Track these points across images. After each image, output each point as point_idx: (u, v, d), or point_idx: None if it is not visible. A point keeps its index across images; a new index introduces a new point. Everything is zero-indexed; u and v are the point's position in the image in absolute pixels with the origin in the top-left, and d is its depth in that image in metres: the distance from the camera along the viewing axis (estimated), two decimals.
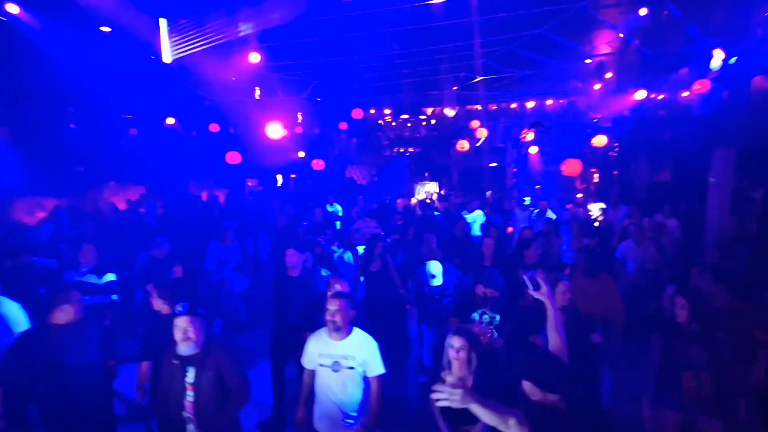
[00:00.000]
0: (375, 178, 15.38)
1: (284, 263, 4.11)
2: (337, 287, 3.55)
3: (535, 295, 2.35)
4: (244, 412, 2.82)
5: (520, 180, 13.42)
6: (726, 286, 3.53)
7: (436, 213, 8.16)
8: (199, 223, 7.56)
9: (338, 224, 7.85)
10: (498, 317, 3.53)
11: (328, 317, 2.80)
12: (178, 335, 2.59)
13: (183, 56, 8.78)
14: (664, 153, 9.76)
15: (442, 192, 12.21)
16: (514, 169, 14.47)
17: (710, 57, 7.80)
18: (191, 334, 2.59)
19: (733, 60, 7.21)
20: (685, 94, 8.77)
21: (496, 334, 3.49)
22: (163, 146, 10.95)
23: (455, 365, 2.70)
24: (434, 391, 1.74)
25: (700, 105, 7.73)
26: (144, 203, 8.65)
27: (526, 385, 2.00)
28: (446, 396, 1.71)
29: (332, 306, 2.80)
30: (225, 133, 11.83)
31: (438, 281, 4.42)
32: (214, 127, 11.02)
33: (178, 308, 2.65)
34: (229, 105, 11.61)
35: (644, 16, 9.92)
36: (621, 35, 9.88)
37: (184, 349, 2.62)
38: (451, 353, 2.71)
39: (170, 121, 10.34)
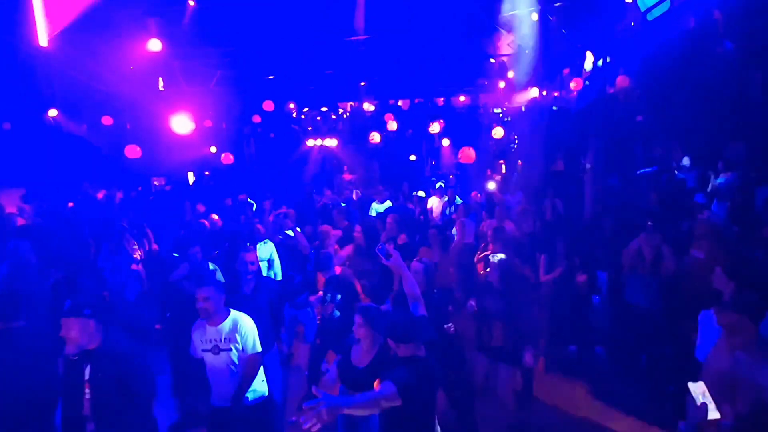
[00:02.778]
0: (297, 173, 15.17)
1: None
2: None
3: (387, 263, 2.61)
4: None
5: (437, 171, 14.18)
6: None
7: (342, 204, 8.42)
8: (89, 226, 6.87)
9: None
10: (339, 296, 3.91)
11: (198, 306, 2.90)
12: (63, 335, 2.51)
13: (66, 40, 7.84)
14: (556, 144, 11.00)
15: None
16: (433, 161, 15.25)
17: (584, 59, 8.98)
18: (74, 335, 2.48)
19: (600, 62, 8.36)
20: (574, 92, 9.94)
21: (337, 313, 3.87)
22: (46, 142, 9.66)
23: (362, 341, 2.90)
24: (302, 421, 1.70)
25: (577, 101, 8.84)
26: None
27: (391, 344, 2.19)
28: (314, 420, 1.69)
29: (201, 295, 2.90)
30: (123, 127, 10.78)
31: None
32: (107, 120, 9.97)
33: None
34: (127, 97, 10.59)
35: (535, 21, 11.03)
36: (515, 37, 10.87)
37: (69, 348, 2.51)
38: (355, 330, 2.89)
39: (53, 113, 9.14)
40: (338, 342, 3.78)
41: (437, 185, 8.97)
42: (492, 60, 13.08)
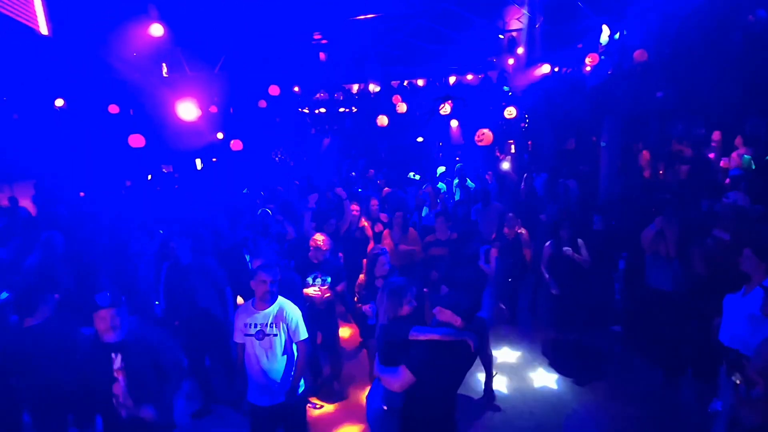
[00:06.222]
0: (304, 158, 15.05)
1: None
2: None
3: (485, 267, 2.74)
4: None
5: (445, 153, 13.93)
6: None
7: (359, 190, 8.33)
8: (114, 217, 6.91)
9: None
10: (329, 279, 3.95)
11: (258, 287, 2.90)
12: (101, 326, 2.56)
13: (67, 28, 7.69)
14: (568, 123, 10.71)
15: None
16: (440, 143, 14.97)
17: (599, 33, 8.63)
18: (116, 324, 2.57)
19: (617, 35, 8.02)
20: (588, 68, 9.58)
21: (330, 294, 3.96)
22: (55, 133, 9.63)
23: None
24: None
25: (591, 77, 8.53)
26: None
27: None
28: None
29: (263, 277, 2.90)
30: (130, 115, 10.72)
31: None
32: (114, 109, 9.91)
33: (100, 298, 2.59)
34: (132, 84, 10.48)
35: None
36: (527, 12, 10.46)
37: (109, 337, 2.58)
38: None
39: (59, 103, 9.07)
40: (325, 325, 3.95)
41: (456, 167, 8.81)
42: (501, 36, 12.67)
